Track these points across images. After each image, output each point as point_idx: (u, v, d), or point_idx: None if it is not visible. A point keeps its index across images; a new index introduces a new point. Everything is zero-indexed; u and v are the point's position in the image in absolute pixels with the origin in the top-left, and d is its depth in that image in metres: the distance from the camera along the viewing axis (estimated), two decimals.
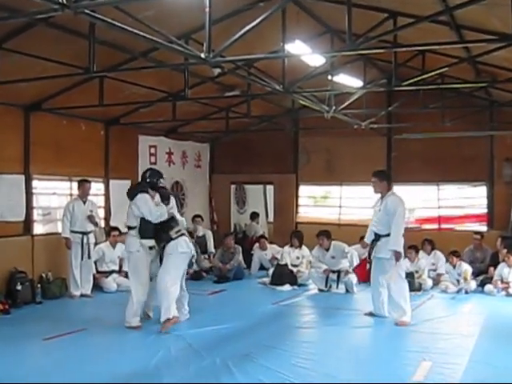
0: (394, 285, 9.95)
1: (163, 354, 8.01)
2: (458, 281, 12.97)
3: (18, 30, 8.77)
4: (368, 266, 10.46)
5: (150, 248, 9.61)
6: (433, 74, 10.53)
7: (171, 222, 9.62)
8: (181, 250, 9.46)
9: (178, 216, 9.96)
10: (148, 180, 9.72)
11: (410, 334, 9.28)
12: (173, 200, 9.98)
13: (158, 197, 9.68)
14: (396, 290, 9.94)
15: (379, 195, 10.25)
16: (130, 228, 9.67)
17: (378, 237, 10.08)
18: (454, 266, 13.15)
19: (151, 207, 9.43)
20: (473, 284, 12.94)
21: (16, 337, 8.97)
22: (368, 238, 10.42)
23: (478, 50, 9.69)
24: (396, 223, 9.84)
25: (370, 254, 10.28)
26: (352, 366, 7.71)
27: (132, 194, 9.67)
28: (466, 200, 16.21)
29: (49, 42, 9.33)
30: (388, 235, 9.89)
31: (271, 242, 15.83)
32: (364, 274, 10.53)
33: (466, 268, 13.01)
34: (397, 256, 9.84)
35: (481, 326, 9.86)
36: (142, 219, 9.48)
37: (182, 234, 9.65)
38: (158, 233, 9.56)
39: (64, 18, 7.71)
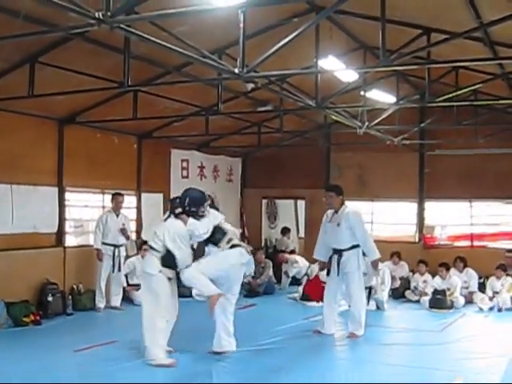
0: (356, 297, 10.05)
1: (194, 367, 8.10)
2: (491, 298, 12.88)
3: (54, 44, 8.91)
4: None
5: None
6: (466, 90, 10.48)
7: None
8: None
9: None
10: (187, 208, 8.33)
11: (441, 353, 9.17)
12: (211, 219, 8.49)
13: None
14: (357, 303, 10.05)
15: (332, 211, 10.21)
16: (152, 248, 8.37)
17: (339, 252, 10.00)
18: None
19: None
20: (507, 300, 12.78)
21: (47, 348, 9.06)
22: (321, 255, 10.44)
23: None
24: (364, 233, 9.99)
25: (329, 271, 10.23)
26: None
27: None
28: (498, 217, 16.05)
29: (84, 56, 9.45)
30: (351, 248, 9.89)
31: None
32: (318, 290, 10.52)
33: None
34: (375, 264, 10.08)
35: None
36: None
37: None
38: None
39: (99, 33, 7.77)
